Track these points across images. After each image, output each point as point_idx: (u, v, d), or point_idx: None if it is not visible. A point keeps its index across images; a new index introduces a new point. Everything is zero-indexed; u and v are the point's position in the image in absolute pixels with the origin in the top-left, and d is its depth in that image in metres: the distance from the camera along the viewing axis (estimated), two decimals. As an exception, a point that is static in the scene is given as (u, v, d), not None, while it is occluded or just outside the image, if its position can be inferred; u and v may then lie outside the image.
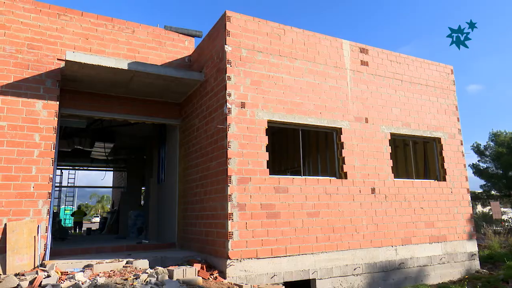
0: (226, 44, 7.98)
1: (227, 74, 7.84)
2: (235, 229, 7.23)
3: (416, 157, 11.53)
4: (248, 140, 7.80)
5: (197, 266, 7.11)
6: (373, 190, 9.05)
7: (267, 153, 8.00)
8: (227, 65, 7.89)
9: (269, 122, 8.19)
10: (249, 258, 7.28)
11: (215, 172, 7.98)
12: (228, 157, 7.49)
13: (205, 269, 7.22)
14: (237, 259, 7.16)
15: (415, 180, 10.05)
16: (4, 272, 6.85)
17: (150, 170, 14.06)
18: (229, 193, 7.33)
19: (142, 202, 18.58)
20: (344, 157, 8.90)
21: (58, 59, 8.33)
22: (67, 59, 7.65)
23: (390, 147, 9.63)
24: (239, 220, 7.31)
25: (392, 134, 9.81)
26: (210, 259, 7.79)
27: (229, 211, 7.25)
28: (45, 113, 7.99)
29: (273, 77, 8.40)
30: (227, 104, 7.72)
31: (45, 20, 8.52)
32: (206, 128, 8.67)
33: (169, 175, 11.03)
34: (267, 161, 7.96)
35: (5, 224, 7.18)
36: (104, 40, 9.19)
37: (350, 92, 9.38)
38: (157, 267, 7.15)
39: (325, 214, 8.29)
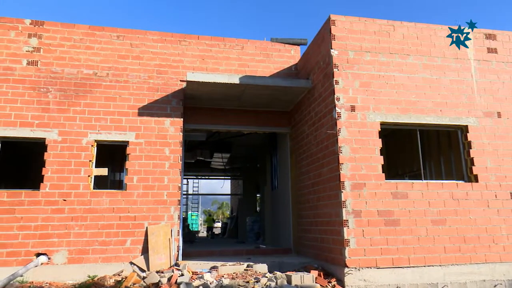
0: (332, 48, 7.91)
1: (334, 79, 7.75)
2: (351, 236, 7.03)
3: None
4: (360, 144, 7.55)
5: (314, 273, 7.11)
6: (513, 195, 7.82)
7: (382, 157, 7.61)
8: (334, 69, 7.80)
9: (382, 124, 7.80)
10: (368, 267, 6.98)
11: (327, 178, 7.91)
12: (340, 162, 7.35)
13: (322, 276, 7.18)
14: (355, 268, 6.93)
15: None
16: (148, 268, 7.92)
17: (264, 178, 14.63)
18: (343, 199, 7.18)
19: (258, 208, 19.41)
20: (472, 157, 7.91)
21: (180, 80, 9.35)
22: (187, 79, 8.55)
23: (533, 143, 8.21)
24: (355, 227, 7.09)
25: (535, 129, 8.35)
26: (326, 266, 7.72)
27: (344, 218, 7.09)
28: (172, 129, 9.04)
29: (383, 77, 7.99)
30: (336, 108, 7.61)
31: (169, 48, 9.68)
32: (315, 134, 8.68)
33: (282, 182, 11.32)
34: (382, 165, 7.57)
35: (146, 228, 8.31)
36: (218, 59, 9.99)
37: (476, 85, 8.33)
38: (275, 271, 7.39)
39: (453, 222, 7.47)
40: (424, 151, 10.75)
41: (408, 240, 7.22)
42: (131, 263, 8.05)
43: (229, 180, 24.73)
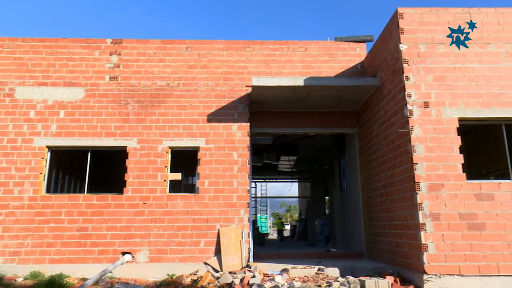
0: (400, 43, 7.54)
1: (404, 74, 7.37)
2: (429, 241, 6.59)
3: None
4: (436, 143, 7.06)
5: (390, 279, 6.79)
6: None
7: (461, 155, 7.05)
8: (404, 65, 7.42)
9: (460, 119, 7.22)
10: (450, 275, 6.49)
11: (400, 179, 7.52)
12: (414, 162, 6.95)
13: (398, 282, 6.82)
14: (436, 275, 6.48)
15: None
16: (221, 269, 8.21)
17: (332, 180, 14.35)
18: (418, 201, 6.77)
19: (327, 210, 19.08)
20: None
21: (246, 86, 9.58)
22: (252, 84, 8.74)
23: None
24: (434, 231, 6.64)
25: None
26: (403, 272, 7.32)
27: (421, 221, 6.68)
28: (239, 134, 9.30)
29: (460, 69, 7.41)
30: (408, 106, 7.22)
31: (234, 55, 9.98)
32: (386, 133, 8.31)
33: (351, 184, 11.01)
34: (462, 165, 7.00)
35: (218, 230, 8.63)
36: (281, 62, 10.06)
37: None
38: (347, 276, 7.20)
39: (551, 226, 6.64)
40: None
41: (496, 246, 6.57)
42: (205, 263, 8.41)
43: (297, 183, 24.65)
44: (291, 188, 24.90)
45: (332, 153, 14.12)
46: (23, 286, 6.92)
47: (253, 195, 21.57)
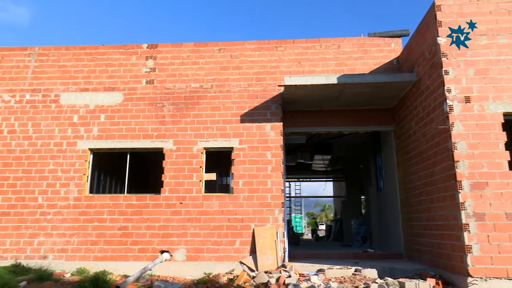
0: (438, 36, 7.25)
1: (443, 69, 7.08)
2: (473, 242, 6.30)
3: None
4: (479, 139, 6.73)
5: (431, 281, 6.55)
6: None
7: (507, 152, 6.67)
8: (443, 59, 7.13)
9: (506, 114, 6.84)
10: (497, 278, 6.17)
11: (440, 178, 7.24)
12: (455, 160, 6.66)
13: (440, 285, 6.56)
14: (481, 278, 6.18)
15: None
16: (256, 269, 8.26)
17: (368, 179, 14.04)
18: (461, 200, 6.48)
19: (363, 210, 18.69)
20: None
21: (278, 85, 9.58)
22: (285, 84, 8.71)
23: None
24: (478, 232, 6.33)
25: None
26: (445, 275, 7.03)
27: (464, 221, 6.39)
28: (272, 133, 9.31)
29: (504, 61, 7.02)
30: (447, 101, 6.93)
31: (266, 55, 10.01)
32: (424, 130, 8.02)
33: (388, 183, 10.71)
34: (509, 162, 6.63)
35: (253, 229, 8.69)
36: (314, 61, 9.96)
37: None
38: (386, 277, 7.02)
39: None
40: None
41: (548, 248, 6.17)
42: (241, 262, 8.50)
43: (331, 182, 24.32)
44: (325, 188, 24.57)
45: (367, 152, 13.81)
46: (71, 281, 7.30)
47: (287, 195, 21.51)
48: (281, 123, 9.39)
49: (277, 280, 7.03)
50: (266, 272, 7.70)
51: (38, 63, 10.16)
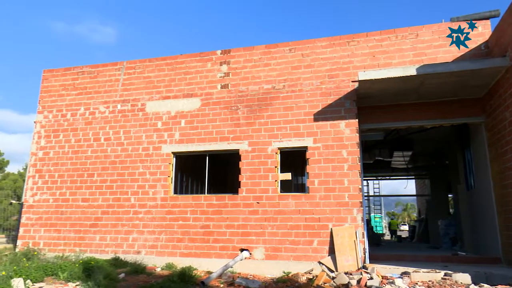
0: (536, 14, 6.42)
1: (544, 50, 6.25)
2: None
3: None
4: None
5: (537, 289, 5.82)
6: None
7: None
8: (543, 38, 6.29)
9: None
10: None
11: (546, 173, 6.39)
12: None
13: (549, 294, 5.81)
14: None
15: None
16: (336, 269, 8.12)
17: (456, 176, 12.92)
18: None
19: (451, 210, 17.26)
20: None
21: (352, 81, 9.30)
22: (359, 79, 8.43)
23: None
24: None
25: None
26: (555, 283, 6.20)
27: None
28: (348, 131, 9.07)
29: None
30: (551, 86, 6.10)
31: (338, 51, 9.78)
32: (522, 120, 7.15)
33: (480, 180, 9.75)
34: None
35: (331, 229, 8.55)
36: (389, 53, 9.48)
37: None
38: (481, 283, 6.41)
39: None
40: None
41: None
42: (320, 262, 8.42)
43: (413, 180, 22.84)
44: (407, 186, 23.18)
45: (453, 146, 12.73)
46: (161, 275, 7.91)
47: (366, 194, 20.72)
48: (356, 120, 9.11)
49: (358, 282, 6.82)
50: (346, 273, 7.53)
51: (126, 76, 11.20)
